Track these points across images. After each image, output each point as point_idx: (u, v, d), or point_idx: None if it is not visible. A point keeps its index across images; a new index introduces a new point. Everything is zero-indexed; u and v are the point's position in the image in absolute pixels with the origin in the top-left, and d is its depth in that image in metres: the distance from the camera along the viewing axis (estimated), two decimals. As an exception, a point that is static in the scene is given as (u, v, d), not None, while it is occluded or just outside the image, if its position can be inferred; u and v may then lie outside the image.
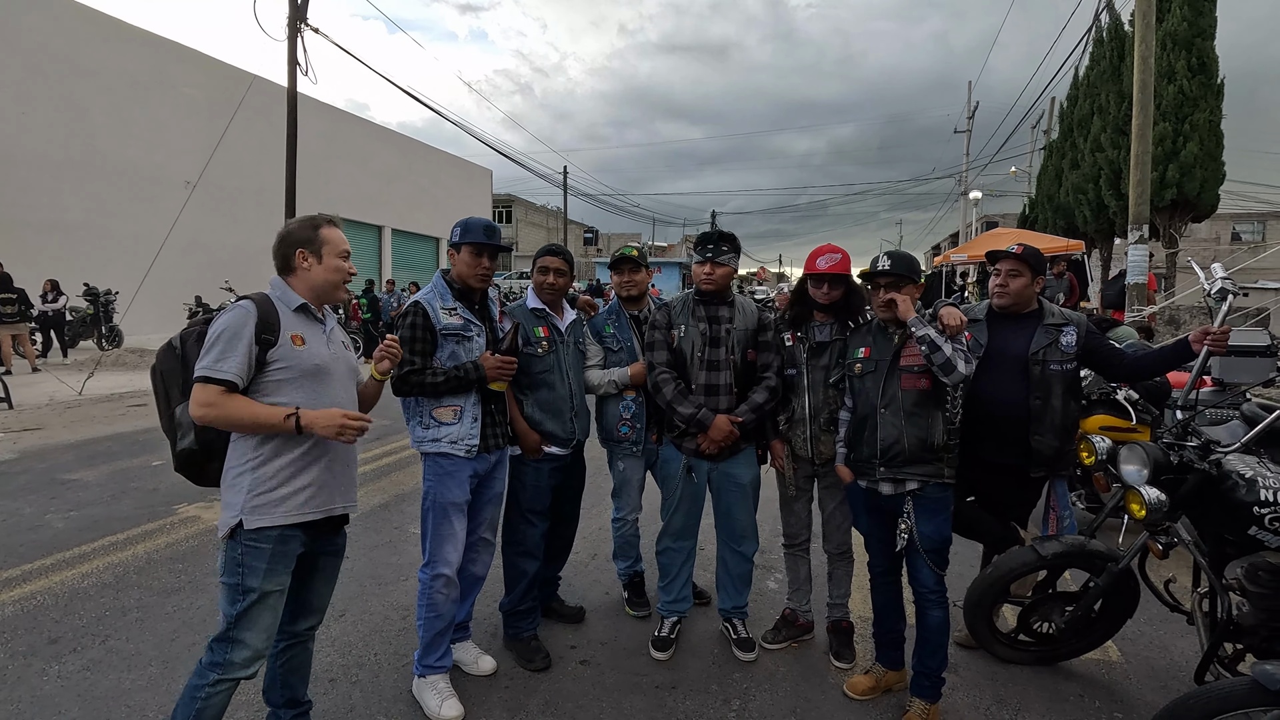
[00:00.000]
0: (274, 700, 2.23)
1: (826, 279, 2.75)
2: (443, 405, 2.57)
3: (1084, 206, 17.22)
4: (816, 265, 2.75)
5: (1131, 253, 9.42)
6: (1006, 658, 2.90)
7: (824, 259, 2.75)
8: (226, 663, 1.90)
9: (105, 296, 13.27)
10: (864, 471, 2.56)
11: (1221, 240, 30.73)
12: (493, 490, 2.79)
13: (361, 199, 24.87)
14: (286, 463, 1.95)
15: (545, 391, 2.89)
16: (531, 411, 2.88)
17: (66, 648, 2.98)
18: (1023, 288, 2.80)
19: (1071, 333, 2.77)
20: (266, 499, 1.92)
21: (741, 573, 3.02)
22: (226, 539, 1.93)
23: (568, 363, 2.95)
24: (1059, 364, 2.75)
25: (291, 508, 1.95)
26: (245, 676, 1.93)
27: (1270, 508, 2.21)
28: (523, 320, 2.87)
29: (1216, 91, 14.47)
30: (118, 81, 16.88)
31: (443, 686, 2.58)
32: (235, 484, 1.93)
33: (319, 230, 2.07)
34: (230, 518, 1.91)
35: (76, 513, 4.70)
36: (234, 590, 1.91)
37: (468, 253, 2.62)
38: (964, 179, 28.80)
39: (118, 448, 6.61)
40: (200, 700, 1.89)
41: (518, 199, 45.45)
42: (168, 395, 2.03)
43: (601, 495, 5.00)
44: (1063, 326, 2.78)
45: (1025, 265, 2.79)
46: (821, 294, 2.78)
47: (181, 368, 2.00)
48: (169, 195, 16.91)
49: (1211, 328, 2.61)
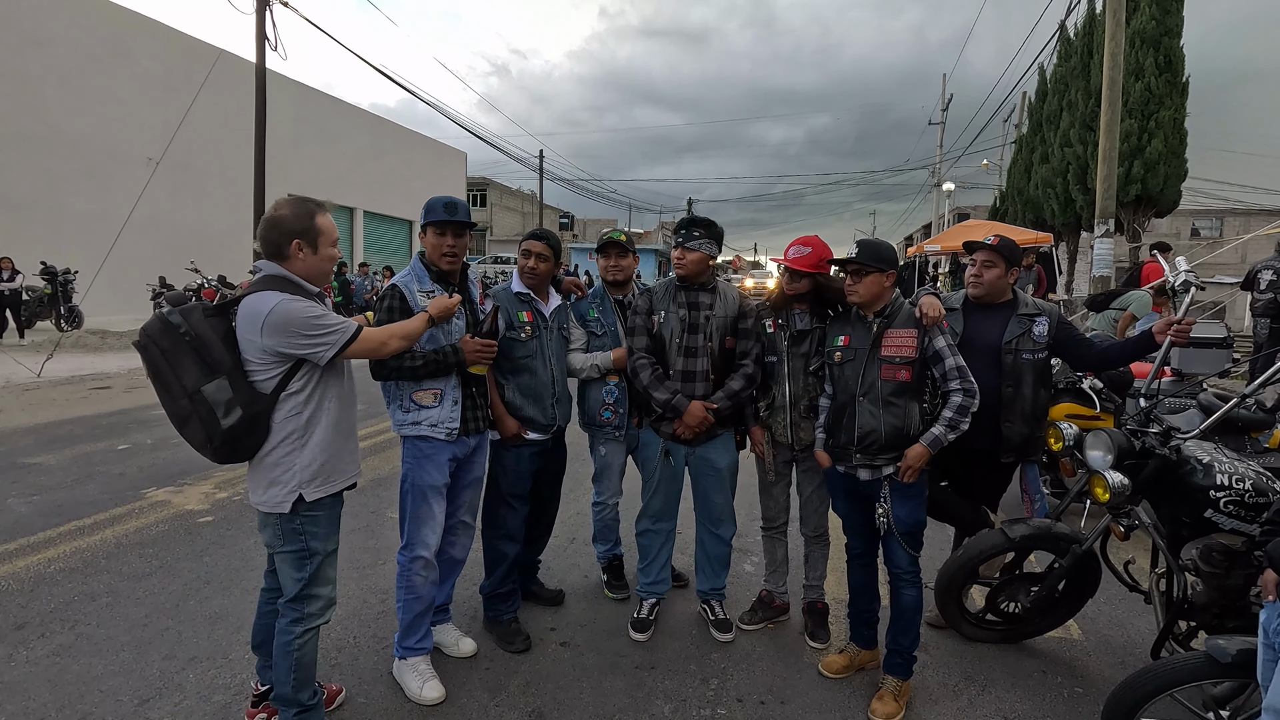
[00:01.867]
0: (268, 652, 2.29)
1: (789, 271, 2.79)
2: (423, 389, 2.55)
3: (1052, 200, 17.59)
4: (786, 255, 2.79)
5: (1097, 246, 9.67)
6: (974, 636, 3.00)
7: (793, 249, 2.78)
8: (306, 616, 2.13)
9: (64, 276, 12.82)
10: (841, 457, 2.61)
11: (1181, 235, 31.65)
12: (472, 474, 2.79)
13: (332, 180, 24.34)
14: (330, 436, 2.12)
15: (527, 377, 2.88)
16: (513, 397, 2.87)
17: (34, 633, 2.92)
18: (996, 278, 2.88)
19: (1044, 323, 2.86)
20: (323, 471, 2.10)
21: (719, 555, 3.07)
22: (283, 514, 2.06)
23: (550, 348, 2.94)
24: (1031, 353, 2.84)
25: (341, 477, 2.18)
26: (324, 622, 2.19)
27: (1225, 491, 2.32)
28: (506, 304, 2.86)
29: (1182, 90, 14.85)
30: (71, 52, 16.17)
31: (424, 668, 2.59)
32: (284, 461, 2.05)
33: (315, 220, 2.08)
34: (287, 494, 2.05)
35: (39, 497, 4.58)
36: (299, 556, 2.11)
37: (431, 233, 2.60)
38: (937, 171, 29.20)
39: (80, 431, 6.43)
40: (295, 651, 2.12)
41: (493, 182, 44.86)
42: (178, 376, 1.94)
43: (580, 479, 5.01)
44: (1035, 317, 2.87)
45: (999, 256, 2.87)
46: (787, 284, 2.83)
47: (193, 347, 1.95)
48: (127, 172, 16.37)
49: (1175, 318, 2.71)
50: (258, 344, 1.98)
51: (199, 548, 3.82)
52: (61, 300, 12.86)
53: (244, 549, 3.82)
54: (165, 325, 1.95)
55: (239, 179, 17.45)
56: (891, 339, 2.50)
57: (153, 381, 1.99)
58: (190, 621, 3.04)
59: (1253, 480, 2.33)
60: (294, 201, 2.10)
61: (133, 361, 10.46)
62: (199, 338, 1.96)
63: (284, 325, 1.96)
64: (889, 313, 2.54)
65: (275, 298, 1.97)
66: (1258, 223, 26.80)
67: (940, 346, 2.48)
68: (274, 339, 1.97)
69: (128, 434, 6.35)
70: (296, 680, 2.14)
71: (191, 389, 1.93)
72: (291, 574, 2.12)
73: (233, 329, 2.01)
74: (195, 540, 3.92)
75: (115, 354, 11.23)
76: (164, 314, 1.98)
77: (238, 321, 2.00)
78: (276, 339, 1.97)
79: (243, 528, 4.11)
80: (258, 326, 1.96)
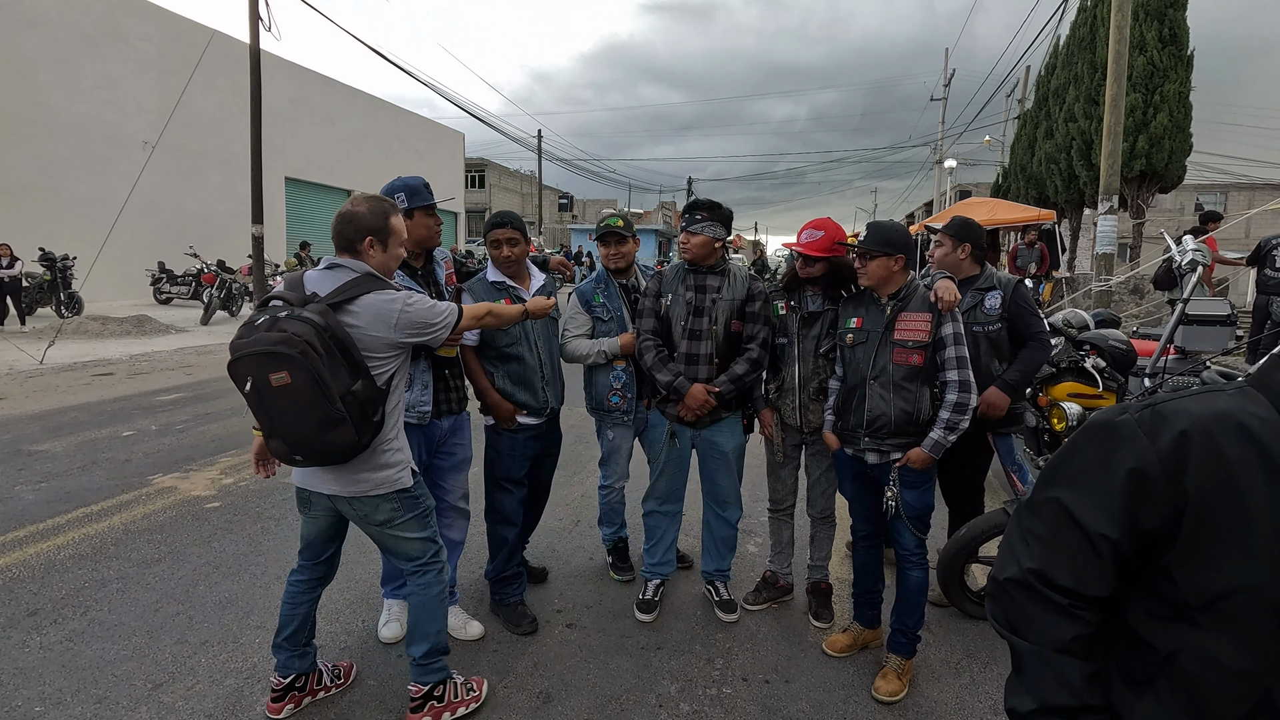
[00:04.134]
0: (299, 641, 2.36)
1: (802, 255, 2.77)
2: None
3: (1055, 176, 17.42)
4: (799, 239, 2.78)
5: (1101, 223, 9.60)
6: (977, 614, 3.03)
7: (806, 234, 2.76)
8: (437, 563, 2.30)
9: (63, 262, 12.77)
10: (850, 440, 2.61)
11: (1185, 211, 31.44)
12: (456, 458, 2.83)
13: (329, 162, 24.16)
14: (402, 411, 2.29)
15: (515, 365, 2.88)
16: (503, 384, 2.88)
17: (46, 619, 2.95)
18: (943, 256, 2.99)
19: (996, 296, 2.94)
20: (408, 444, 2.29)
21: (725, 537, 3.09)
22: (405, 488, 2.19)
23: (536, 332, 2.91)
24: (982, 325, 2.92)
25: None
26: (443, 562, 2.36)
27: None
28: (484, 296, 2.84)
29: (1186, 63, 14.63)
30: (64, 34, 15.94)
31: (460, 613, 2.84)
32: (394, 444, 2.17)
33: (389, 219, 2.14)
34: (402, 470, 2.19)
35: (47, 484, 4.61)
36: (422, 516, 2.26)
37: (422, 215, 2.62)
38: (939, 147, 28.92)
39: (85, 418, 6.46)
40: (441, 599, 2.30)
41: (491, 163, 44.49)
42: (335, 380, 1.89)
43: (584, 463, 5.04)
44: (989, 290, 2.95)
45: (946, 236, 3.00)
46: (798, 267, 2.82)
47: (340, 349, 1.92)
48: (123, 156, 16.24)
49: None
50: (388, 340, 2.05)
51: (207, 533, 3.85)
52: (61, 286, 12.82)
53: (251, 534, 3.85)
54: (319, 330, 1.88)
55: (236, 162, 17.36)
56: (905, 322, 2.49)
57: (298, 393, 1.85)
58: (200, 606, 3.07)
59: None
60: (371, 200, 2.15)
61: (134, 348, 10.48)
62: (341, 339, 1.94)
63: (415, 319, 2.07)
64: (903, 295, 2.52)
65: (395, 294, 2.08)
66: (1262, 197, 26.60)
67: (947, 333, 2.46)
68: (403, 333, 2.06)
69: (132, 420, 6.37)
70: (442, 627, 2.31)
71: (343, 392, 1.90)
72: (417, 534, 2.24)
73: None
74: (203, 526, 3.95)
75: (117, 340, 11.24)
76: (307, 317, 1.90)
77: (364, 319, 2.01)
78: (405, 332, 2.06)
79: (249, 513, 4.15)
80: (391, 323, 2.03)
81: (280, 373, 1.84)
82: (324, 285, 2.05)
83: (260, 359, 1.86)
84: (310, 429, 1.90)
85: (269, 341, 1.85)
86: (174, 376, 8.65)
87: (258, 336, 1.89)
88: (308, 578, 2.36)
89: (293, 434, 1.93)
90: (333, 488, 2.14)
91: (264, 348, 1.85)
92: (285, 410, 1.89)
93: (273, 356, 1.84)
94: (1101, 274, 9.68)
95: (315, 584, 2.37)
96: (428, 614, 2.26)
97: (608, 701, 2.48)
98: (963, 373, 2.45)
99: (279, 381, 1.85)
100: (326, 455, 1.98)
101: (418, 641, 2.26)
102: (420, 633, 2.26)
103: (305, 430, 1.91)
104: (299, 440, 1.94)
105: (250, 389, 1.90)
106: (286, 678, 2.34)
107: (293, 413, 1.89)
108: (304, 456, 1.99)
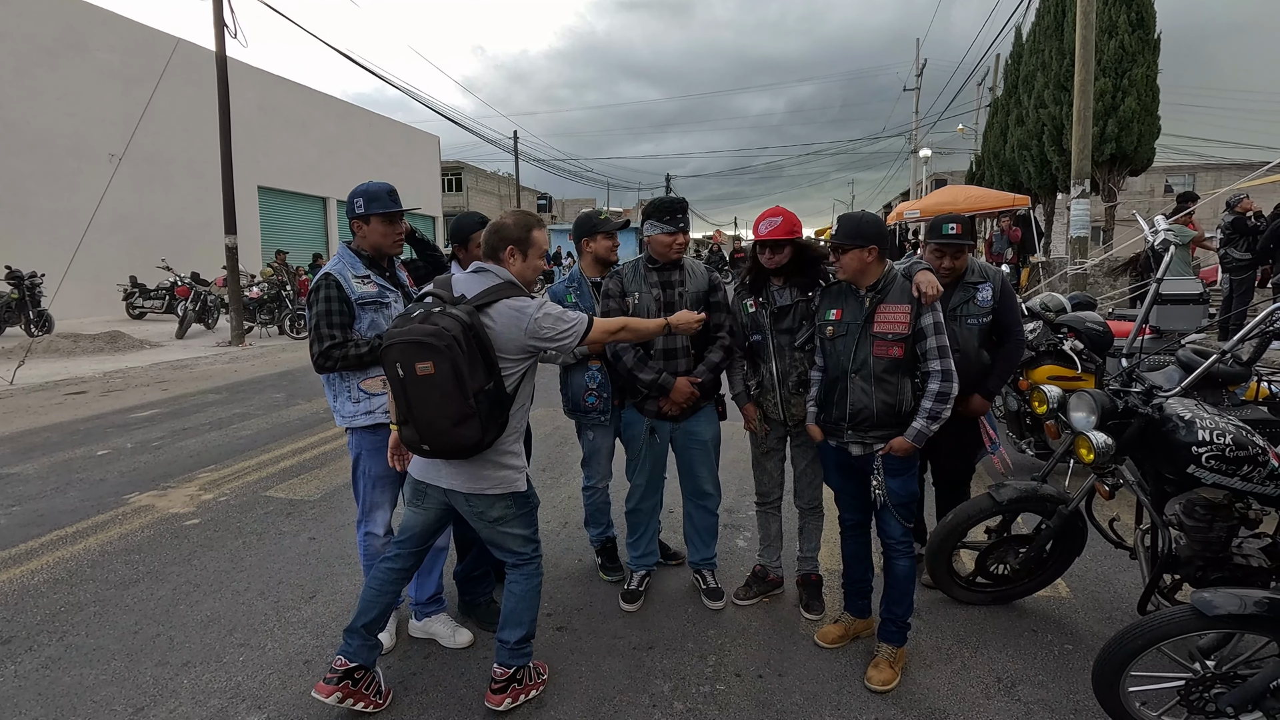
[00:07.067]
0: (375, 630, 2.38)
1: (768, 245, 2.75)
2: (370, 376, 2.60)
3: (1028, 163, 17.61)
4: (759, 231, 2.75)
5: (1074, 207, 9.71)
6: (965, 599, 3.05)
7: (764, 224, 2.73)
8: (540, 558, 2.43)
9: (31, 280, 12.47)
10: (833, 432, 2.61)
11: (1155, 193, 31.96)
12: None
13: (303, 169, 23.83)
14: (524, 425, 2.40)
15: None
16: None
17: (21, 647, 2.87)
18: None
19: (988, 289, 2.97)
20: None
21: (707, 526, 3.13)
22: (519, 491, 2.31)
23: None
24: (975, 318, 2.95)
25: None
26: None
27: (1207, 446, 2.35)
28: None
29: (1154, 46, 14.85)
30: (22, 46, 15.55)
31: (448, 620, 2.86)
32: (515, 449, 2.29)
33: (531, 232, 2.29)
34: (518, 474, 2.30)
35: (19, 508, 4.49)
36: (529, 516, 2.38)
37: (379, 222, 2.64)
38: (914, 137, 29.16)
39: (57, 438, 6.31)
40: (537, 591, 2.43)
41: (468, 166, 44.17)
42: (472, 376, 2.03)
43: (569, 465, 5.01)
44: (979, 284, 2.96)
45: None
46: (765, 259, 2.77)
47: (481, 348, 2.07)
48: (89, 169, 15.90)
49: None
50: (520, 342, 2.17)
51: (186, 551, 3.77)
52: (30, 305, 12.52)
53: (232, 550, 3.77)
54: (465, 327, 2.03)
55: (206, 172, 17.02)
56: (884, 314, 2.48)
57: (441, 384, 2.01)
58: (181, 626, 3.00)
59: (1233, 435, 2.36)
60: (517, 214, 2.32)
61: (107, 365, 10.27)
62: (482, 339, 2.08)
63: (549, 323, 2.18)
64: (881, 287, 2.51)
65: (530, 299, 2.20)
66: (1229, 177, 27.10)
67: (926, 323, 2.46)
68: (536, 337, 2.17)
69: (106, 439, 6.24)
70: (535, 616, 2.44)
71: (478, 389, 2.04)
72: (522, 533, 2.36)
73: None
74: (182, 544, 3.87)
75: (89, 357, 11.01)
76: (457, 314, 2.05)
77: (499, 322, 2.14)
78: (537, 337, 2.17)
79: (230, 529, 4.07)
80: (524, 326, 2.15)
81: (426, 362, 2.00)
82: (471, 288, 2.21)
83: (411, 348, 2.02)
84: (444, 420, 2.04)
85: (421, 333, 2.01)
86: (149, 393, 8.48)
87: (411, 327, 2.05)
88: (400, 566, 2.40)
89: (427, 423, 2.07)
90: (454, 483, 2.25)
91: (416, 337, 2.01)
92: (425, 399, 2.04)
93: (423, 346, 2.00)
94: (1076, 257, 9.80)
95: (406, 574, 2.43)
96: (525, 604, 2.39)
97: (601, 703, 2.45)
98: (944, 362, 2.45)
99: (424, 370, 2.01)
100: (452, 448, 2.10)
101: (513, 627, 2.37)
102: (516, 620, 2.38)
103: (439, 421, 2.04)
104: (431, 430, 2.07)
105: (398, 374, 2.05)
106: (351, 663, 2.32)
107: (431, 402, 2.03)
108: (431, 447, 2.12)
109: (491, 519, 2.30)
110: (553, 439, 5.76)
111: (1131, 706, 2.13)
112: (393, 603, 2.41)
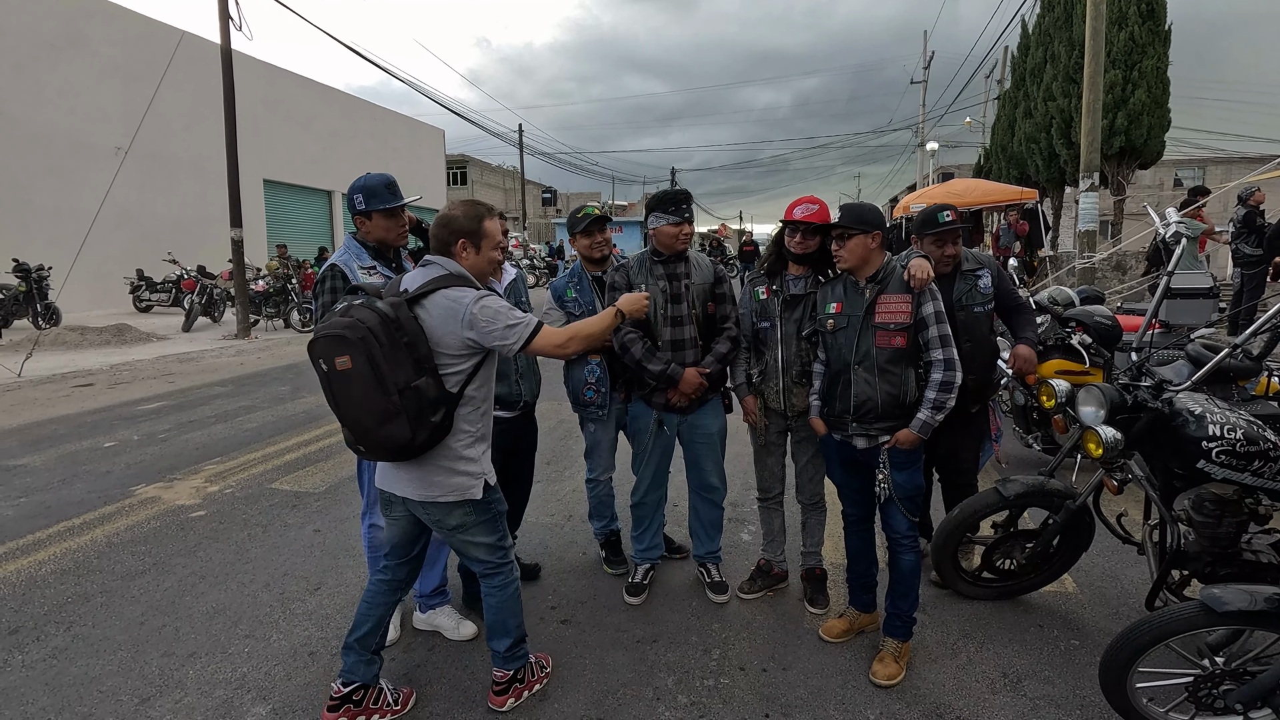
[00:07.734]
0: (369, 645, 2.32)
1: (801, 228, 2.73)
2: None
3: (1036, 156, 17.49)
4: (794, 214, 2.73)
5: (1082, 201, 9.64)
6: (971, 594, 3.03)
7: (801, 208, 2.73)
8: (510, 564, 2.34)
9: (38, 273, 12.52)
10: (837, 425, 2.60)
11: (1164, 186, 31.71)
12: None
13: (307, 163, 23.84)
14: (489, 429, 2.28)
15: None
16: None
17: (28, 637, 2.89)
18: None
19: (987, 275, 2.99)
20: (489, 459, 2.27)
21: (713, 519, 3.13)
22: (475, 499, 2.19)
23: None
24: (981, 306, 2.96)
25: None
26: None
27: (1218, 441, 2.32)
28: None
29: (1164, 38, 14.70)
30: (24, 41, 15.53)
31: (452, 613, 2.84)
32: (468, 454, 2.17)
33: (483, 223, 2.19)
34: (475, 481, 2.19)
35: (26, 499, 4.51)
36: (492, 522, 2.28)
37: (381, 218, 2.62)
38: (921, 130, 28.98)
39: (64, 430, 6.34)
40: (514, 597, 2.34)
41: (473, 159, 44.13)
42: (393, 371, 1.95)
43: (574, 458, 5.01)
44: (978, 271, 2.98)
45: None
46: (796, 243, 2.75)
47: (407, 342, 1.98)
48: (93, 164, 15.91)
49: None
50: (459, 336, 2.05)
51: (192, 543, 3.79)
52: (37, 298, 12.58)
53: (238, 542, 3.79)
54: (384, 319, 1.96)
55: (211, 165, 17.03)
56: (885, 305, 2.47)
57: (358, 379, 1.95)
58: (187, 618, 3.02)
59: (1244, 429, 2.33)
60: (466, 204, 2.21)
61: (114, 357, 10.31)
62: (409, 332, 1.99)
63: (487, 317, 2.05)
64: (881, 278, 2.50)
65: (472, 291, 2.07)
66: (1239, 171, 26.86)
67: (927, 313, 2.45)
68: (475, 331, 2.05)
69: (113, 431, 6.27)
70: (520, 620, 2.38)
71: (402, 385, 1.96)
72: (486, 541, 2.27)
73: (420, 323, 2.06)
74: (188, 536, 3.89)
75: (96, 350, 11.06)
76: (378, 306, 1.98)
77: (434, 315, 2.05)
78: (477, 331, 2.05)
79: (236, 521, 4.08)
80: (460, 317, 2.03)
81: (344, 356, 1.94)
82: (414, 282, 2.12)
83: (331, 341, 1.96)
84: (368, 417, 1.98)
85: (339, 325, 1.96)
86: (156, 385, 8.52)
87: (332, 320, 2.00)
88: (390, 578, 2.36)
89: (353, 421, 2.01)
90: (407, 491, 2.18)
91: (332, 331, 1.96)
92: (348, 395, 1.98)
93: (338, 340, 1.95)
94: (1085, 251, 9.74)
95: (397, 586, 2.37)
96: (507, 611, 2.34)
97: (605, 696, 2.45)
98: (947, 351, 2.43)
99: (342, 365, 1.95)
100: (383, 448, 2.03)
101: (500, 637, 2.35)
102: (501, 629, 2.34)
103: (365, 419, 1.99)
104: (358, 428, 2.01)
105: (321, 369, 2.00)
106: (348, 686, 2.27)
107: (353, 398, 1.98)
108: (365, 447, 2.06)
109: (450, 527, 2.22)
110: (557, 432, 5.76)
111: (1139, 703, 2.11)
112: (386, 616, 2.36)
